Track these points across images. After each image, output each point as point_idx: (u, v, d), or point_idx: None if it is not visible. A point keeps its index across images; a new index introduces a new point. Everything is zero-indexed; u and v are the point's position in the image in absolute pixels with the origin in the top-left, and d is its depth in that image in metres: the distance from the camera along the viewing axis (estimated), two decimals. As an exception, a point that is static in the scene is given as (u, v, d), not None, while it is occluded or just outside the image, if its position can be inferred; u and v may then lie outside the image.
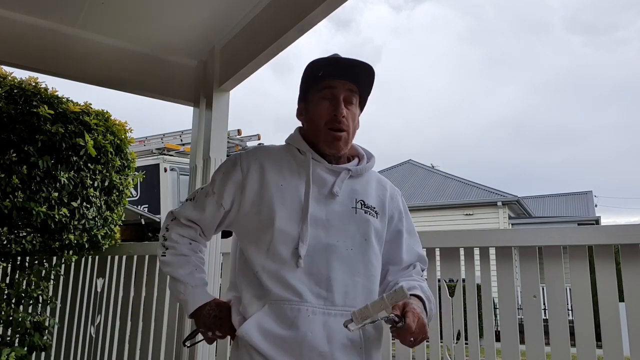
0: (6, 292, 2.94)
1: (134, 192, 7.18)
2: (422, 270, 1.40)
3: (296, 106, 1.42)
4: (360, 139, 1.42)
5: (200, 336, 1.38)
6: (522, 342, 1.80)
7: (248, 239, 1.32)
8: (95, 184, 2.96)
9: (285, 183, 1.29)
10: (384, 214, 1.36)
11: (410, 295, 1.20)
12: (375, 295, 1.29)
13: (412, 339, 1.14)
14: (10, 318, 2.88)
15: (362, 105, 1.39)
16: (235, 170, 1.33)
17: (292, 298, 1.20)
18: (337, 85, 1.30)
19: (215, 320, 1.31)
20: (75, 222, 2.87)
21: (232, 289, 1.35)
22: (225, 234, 1.51)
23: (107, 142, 3.00)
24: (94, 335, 3.22)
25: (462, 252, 1.95)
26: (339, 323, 1.18)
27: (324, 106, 1.30)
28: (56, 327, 3.23)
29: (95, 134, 2.93)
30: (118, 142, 3.13)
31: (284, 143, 1.41)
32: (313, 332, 1.17)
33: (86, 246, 3.04)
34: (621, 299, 1.64)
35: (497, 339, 1.85)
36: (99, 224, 3.05)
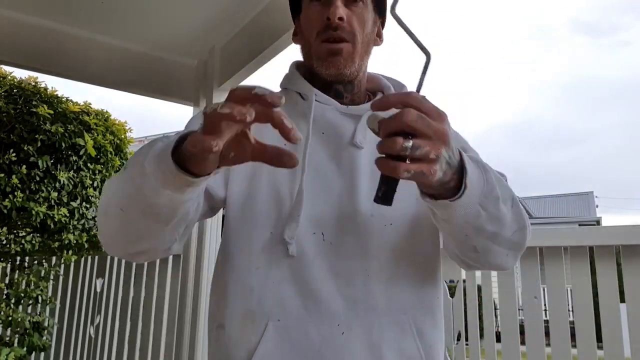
0: (5, 292, 2.94)
1: (134, 192, 7.16)
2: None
3: None
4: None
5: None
6: (522, 343, 1.80)
7: (230, 221, 0.91)
8: (95, 184, 2.96)
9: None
10: None
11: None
12: (430, 288, 0.90)
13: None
14: (10, 318, 2.88)
15: (380, 10, 0.97)
16: None
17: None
18: None
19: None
20: (75, 222, 2.87)
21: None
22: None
23: (106, 141, 3.00)
24: (93, 336, 3.21)
25: (462, 252, 1.94)
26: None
27: (314, 11, 0.91)
28: (55, 327, 3.22)
29: (95, 134, 2.93)
30: (118, 141, 3.13)
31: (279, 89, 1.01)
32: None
33: (86, 246, 3.04)
34: (622, 300, 1.63)
35: (498, 340, 1.85)
36: (98, 224, 3.05)
